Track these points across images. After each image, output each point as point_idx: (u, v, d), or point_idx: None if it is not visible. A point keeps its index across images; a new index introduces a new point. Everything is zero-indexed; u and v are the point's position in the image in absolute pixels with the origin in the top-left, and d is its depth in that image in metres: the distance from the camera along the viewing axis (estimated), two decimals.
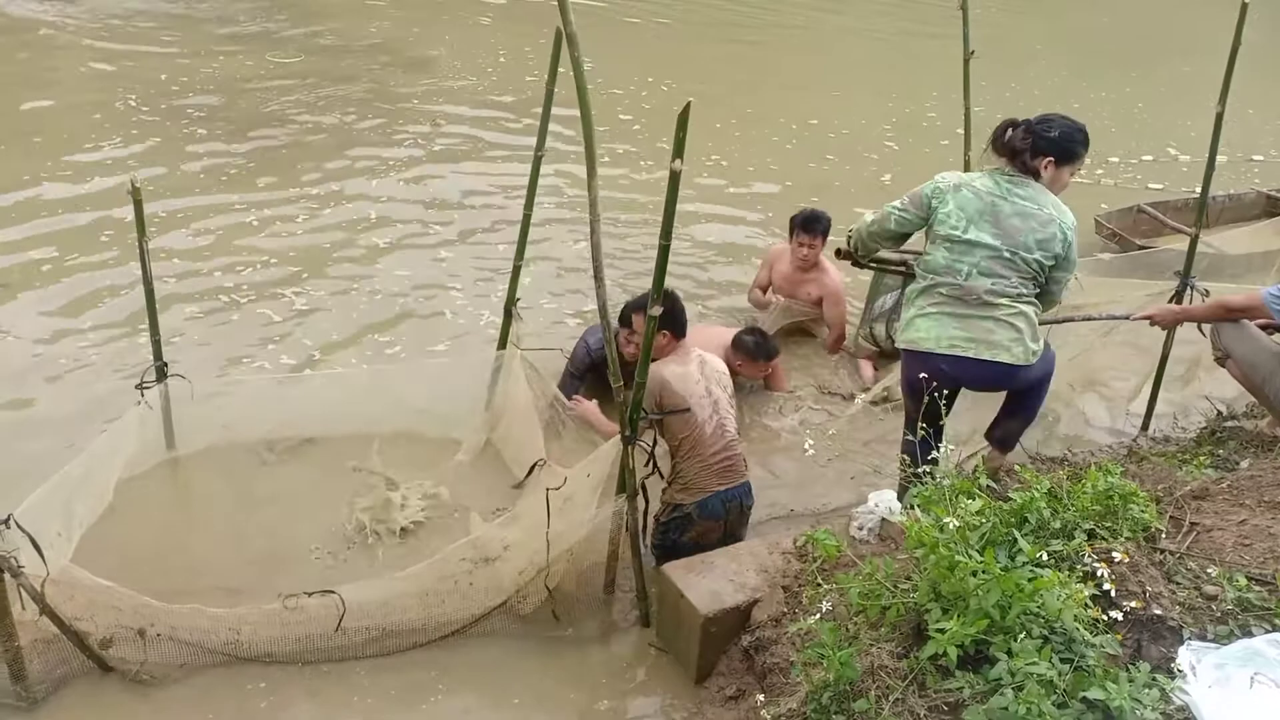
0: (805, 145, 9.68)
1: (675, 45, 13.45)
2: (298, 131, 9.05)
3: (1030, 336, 3.69)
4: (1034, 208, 3.63)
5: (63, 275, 6.27)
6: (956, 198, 3.72)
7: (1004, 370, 3.70)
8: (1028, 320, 3.69)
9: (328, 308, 6.12)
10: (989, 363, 3.68)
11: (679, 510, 3.93)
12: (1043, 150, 3.65)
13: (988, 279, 3.65)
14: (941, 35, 5.06)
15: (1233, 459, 4.08)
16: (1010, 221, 3.62)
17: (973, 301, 3.68)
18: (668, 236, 3.16)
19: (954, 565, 2.47)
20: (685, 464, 3.92)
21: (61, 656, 3.39)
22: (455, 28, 13.22)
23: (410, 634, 3.65)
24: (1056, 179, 3.70)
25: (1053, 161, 3.65)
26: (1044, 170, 3.66)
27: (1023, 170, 3.69)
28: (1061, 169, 3.68)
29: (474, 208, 7.73)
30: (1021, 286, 3.66)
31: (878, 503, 3.59)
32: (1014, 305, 3.66)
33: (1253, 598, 2.64)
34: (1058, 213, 3.65)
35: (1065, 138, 3.65)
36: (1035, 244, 3.62)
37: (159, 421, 4.37)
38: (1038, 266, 3.65)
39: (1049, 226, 3.62)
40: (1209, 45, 4.42)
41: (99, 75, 10.24)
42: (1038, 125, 3.67)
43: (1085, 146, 3.70)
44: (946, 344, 3.72)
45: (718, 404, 3.99)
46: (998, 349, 3.67)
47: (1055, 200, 3.68)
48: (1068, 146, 3.66)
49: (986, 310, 3.67)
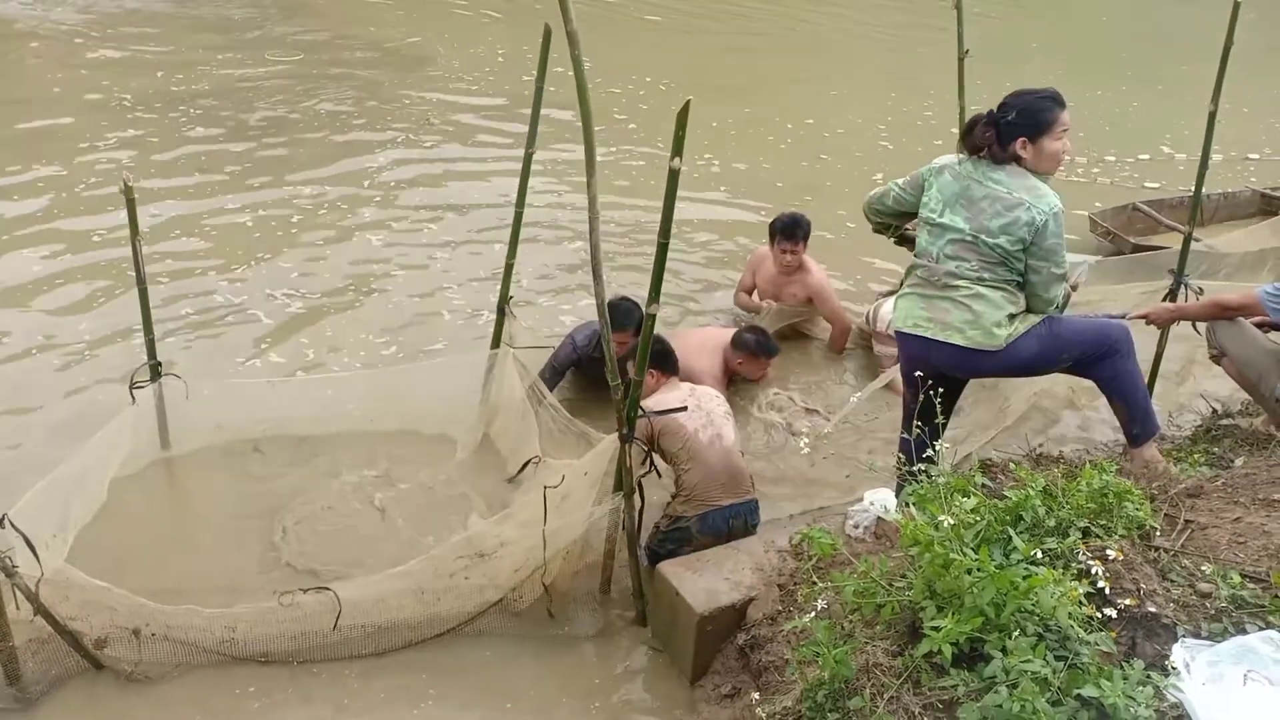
0: (800, 144, 9.69)
1: (674, 45, 13.46)
2: (292, 131, 9.05)
3: (992, 321, 3.60)
4: (1003, 191, 3.57)
5: (55, 276, 6.26)
6: (939, 181, 3.73)
7: (961, 352, 3.66)
8: (987, 303, 3.61)
9: (322, 307, 6.11)
10: (945, 344, 3.67)
11: (679, 523, 3.92)
12: (1011, 135, 3.58)
13: (952, 261, 3.66)
14: (943, 31, 5.06)
15: (1227, 457, 4.08)
16: (979, 204, 3.60)
17: (936, 283, 3.70)
18: (666, 235, 3.16)
19: (949, 563, 2.47)
20: (687, 475, 3.92)
21: (56, 657, 3.39)
22: (454, 27, 13.23)
23: (406, 631, 3.64)
24: (1041, 152, 3.59)
25: (1026, 140, 3.57)
26: (1023, 152, 3.59)
27: (998, 161, 3.63)
28: (1041, 141, 3.57)
29: (470, 206, 7.72)
30: (984, 270, 3.61)
31: (873, 501, 3.59)
32: (971, 287, 3.62)
33: (1246, 595, 2.64)
34: (1030, 197, 3.54)
35: (1026, 113, 3.56)
36: (998, 229, 3.56)
37: (153, 421, 4.37)
38: (1002, 252, 3.57)
39: (1014, 210, 3.54)
40: (1205, 45, 4.42)
41: (91, 75, 10.23)
42: (997, 114, 3.61)
43: (1057, 104, 3.58)
44: (911, 323, 3.77)
45: (710, 416, 4.01)
46: (950, 330, 3.66)
47: (1033, 185, 3.58)
48: (1034, 119, 3.56)
49: (946, 292, 3.68)
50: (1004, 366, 3.80)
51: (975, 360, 3.70)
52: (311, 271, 6.54)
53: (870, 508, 3.59)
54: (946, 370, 3.77)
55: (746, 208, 7.99)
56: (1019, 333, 3.66)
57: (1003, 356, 3.68)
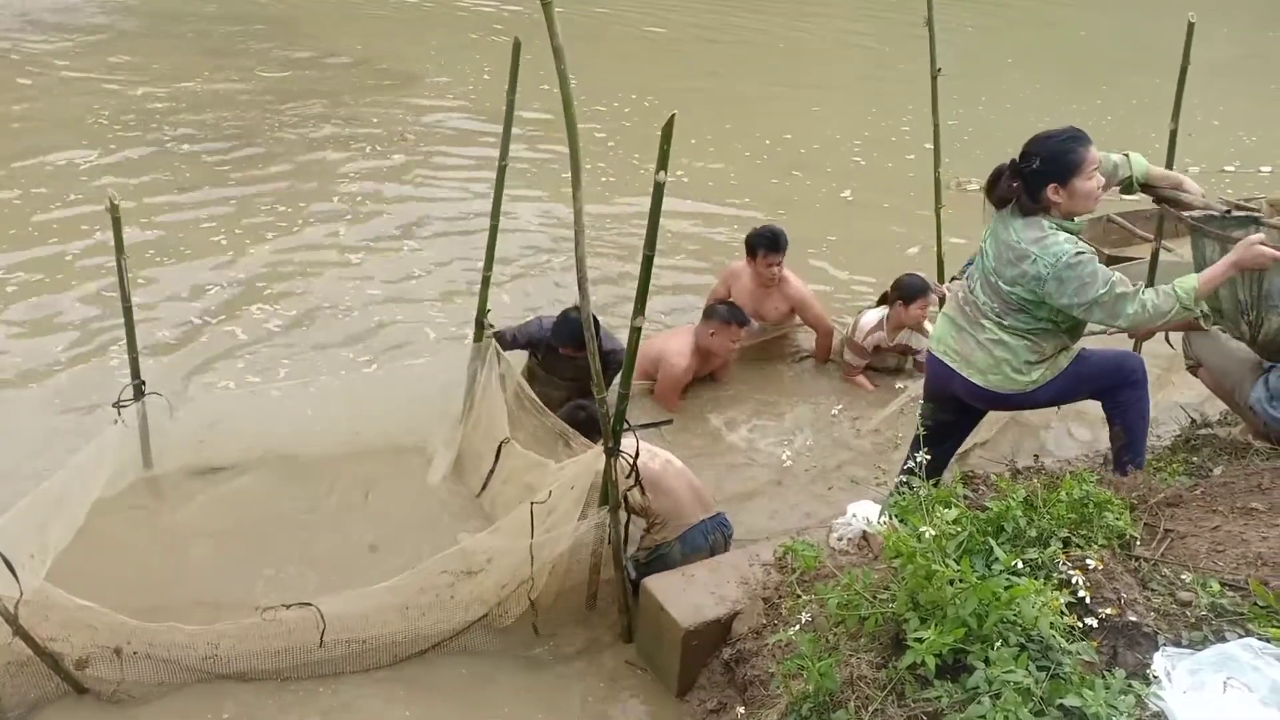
0: (774, 161, 9.70)
1: (658, 59, 13.52)
2: (271, 148, 9.05)
3: (1013, 369, 3.61)
4: (1014, 240, 3.50)
5: (32, 294, 6.24)
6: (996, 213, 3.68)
7: (981, 390, 3.68)
8: (1009, 350, 3.60)
9: (300, 325, 6.11)
10: (966, 379, 3.70)
11: (661, 549, 3.91)
12: (1040, 184, 3.47)
13: (982, 294, 3.66)
14: (921, 49, 5.13)
15: (1206, 466, 4.11)
16: (1001, 245, 3.58)
17: (968, 313, 3.71)
18: (652, 247, 3.18)
19: (931, 574, 2.48)
20: (655, 503, 3.91)
21: (36, 680, 3.35)
22: (441, 44, 13.24)
23: (391, 647, 3.63)
24: (1074, 194, 3.46)
25: (1057, 185, 3.46)
26: (1056, 197, 3.46)
27: (1029, 212, 3.51)
28: (1072, 183, 3.44)
29: (449, 221, 7.74)
30: (1005, 315, 3.58)
31: (855, 513, 3.60)
32: (996, 332, 3.62)
33: (1226, 603, 2.66)
34: (1037, 249, 3.44)
35: (1051, 158, 3.46)
36: (1011, 278, 3.54)
37: (136, 439, 4.34)
38: (1018, 300, 3.53)
39: (1021, 264, 3.47)
40: (1178, 61, 4.49)
41: (72, 93, 10.20)
42: (1021, 164, 3.51)
43: (1081, 143, 3.46)
44: (941, 349, 3.80)
45: (653, 450, 4.03)
46: (973, 370, 3.70)
47: (1042, 236, 3.46)
48: (1061, 164, 3.45)
49: (973, 329, 3.68)
50: (1025, 404, 3.84)
51: (996, 399, 3.74)
52: (289, 290, 6.53)
53: (853, 520, 3.60)
54: (966, 399, 3.80)
55: (712, 225, 7.94)
56: (1046, 378, 3.65)
57: (1026, 399, 3.73)
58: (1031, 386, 3.65)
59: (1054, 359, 3.66)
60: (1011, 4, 19.45)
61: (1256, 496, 3.29)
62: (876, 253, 7.39)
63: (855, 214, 8.41)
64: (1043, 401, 3.82)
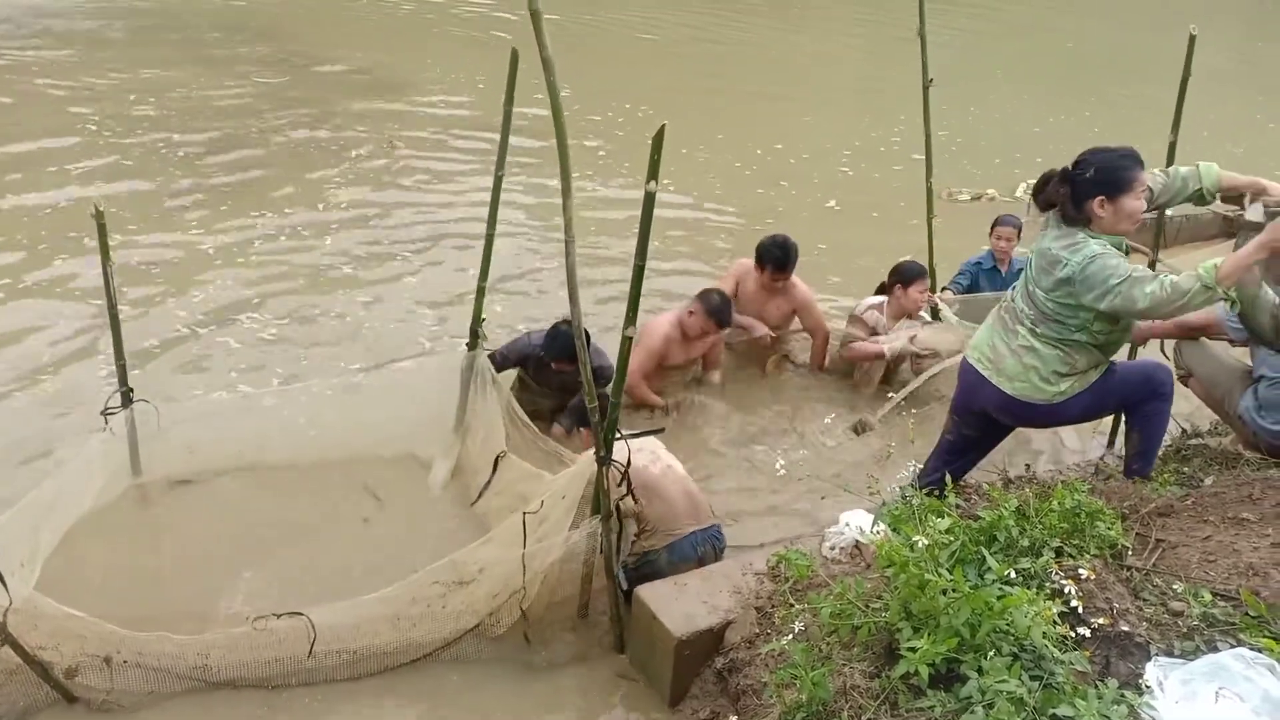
0: (763, 170, 9.73)
1: (651, 68, 13.55)
2: (259, 156, 9.06)
3: (1040, 377, 3.62)
4: (1049, 248, 3.53)
5: (17, 300, 6.22)
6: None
7: (1008, 399, 3.69)
8: (1039, 358, 3.62)
9: (291, 333, 6.09)
10: (995, 387, 3.71)
11: (648, 556, 3.91)
12: (1088, 194, 3.48)
13: (1021, 300, 3.71)
14: (912, 58, 5.17)
15: (1197, 476, 4.13)
16: (1039, 258, 3.61)
17: (1008, 320, 3.74)
18: (643, 257, 3.18)
19: (924, 584, 2.48)
20: (647, 509, 3.91)
21: (25, 689, 3.33)
22: (436, 53, 13.24)
23: (381, 657, 3.61)
24: (1120, 211, 3.46)
25: (1105, 198, 3.46)
26: (1101, 210, 3.47)
27: (1070, 221, 3.53)
28: (1120, 199, 3.44)
29: (442, 230, 7.73)
30: (1039, 324, 3.60)
31: (849, 522, 3.61)
32: (1028, 339, 3.64)
33: (1218, 613, 2.67)
34: (1068, 253, 3.46)
35: (1106, 170, 3.46)
36: (1044, 286, 3.56)
37: (124, 447, 4.32)
38: (1052, 308, 3.55)
39: (1054, 269, 3.49)
40: (1164, 71, 4.51)
41: (61, 99, 10.17)
42: (1073, 171, 3.53)
43: (1137, 163, 3.48)
44: (976, 355, 3.82)
45: (656, 453, 4.03)
46: (1002, 377, 3.71)
47: (1073, 241, 3.47)
48: (1114, 177, 3.45)
49: (1008, 336, 3.71)
50: (1052, 419, 3.84)
51: (1021, 409, 3.73)
52: (280, 298, 6.51)
53: (846, 529, 3.60)
54: (994, 413, 3.81)
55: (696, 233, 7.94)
56: (1074, 391, 3.66)
57: (1053, 412, 3.72)
58: (1059, 398, 3.65)
59: (1084, 374, 3.66)
60: (1000, 13, 19.58)
61: (1247, 507, 3.31)
62: (866, 260, 7.41)
63: (843, 223, 8.45)
64: (1070, 416, 3.80)
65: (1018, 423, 3.95)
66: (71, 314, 6.09)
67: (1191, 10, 19.44)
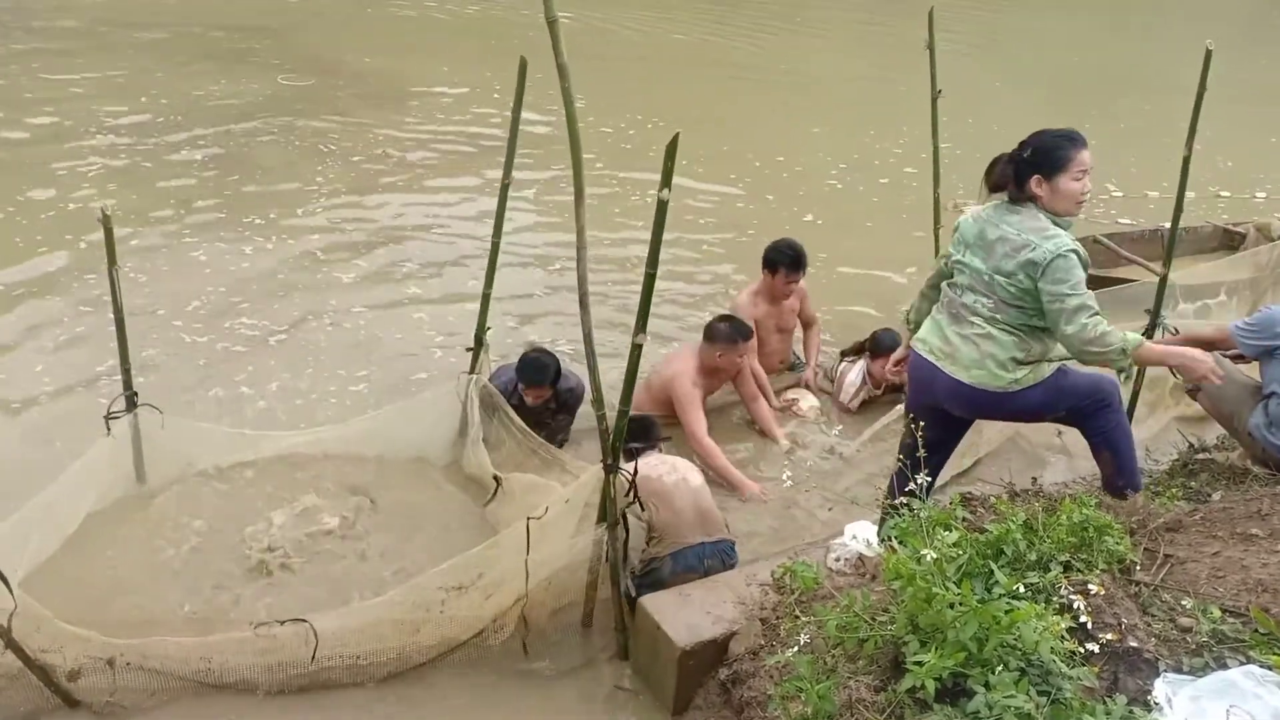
0: (756, 183, 9.66)
1: (668, 84, 13.54)
2: (262, 163, 9.07)
3: (998, 362, 3.62)
4: (1013, 233, 3.58)
5: (18, 305, 6.24)
6: (963, 225, 3.79)
7: (963, 388, 3.67)
8: (996, 344, 3.62)
9: (294, 339, 6.09)
10: (949, 377, 3.69)
11: (653, 564, 3.91)
12: (1026, 173, 3.59)
13: (970, 294, 3.69)
14: (923, 69, 5.19)
15: (1205, 491, 4.11)
16: (993, 246, 3.63)
17: (955, 313, 3.73)
18: (654, 265, 3.17)
19: (931, 597, 2.47)
20: (656, 515, 3.93)
21: (27, 693, 3.32)
22: (451, 61, 13.25)
23: (383, 664, 3.60)
24: (1056, 191, 3.56)
25: (1041, 178, 3.56)
26: (1039, 190, 3.57)
27: (1016, 201, 3.64)
28: (1056, 178, 3.54)
29: (449, 238, 7.74)
30: (998, 311, 3.62)
31: (855, 534, 3.59)
32: (984, 326, 3.64)
33: (1227, 630, 2.65)
34: (1038, 238, 3.53)
35: (1043, 150, 3.57)
36: (1009, 269, 3.58)
37: (128, 452, 4.32)
38: (1016, 291, 3.58)
39: (1020, 252, 3.54)
40: (1170, 83, 4.53)
41: (63, 100, 10.19)
42: (1016, 152, 3.65)
43: (1075, 143, 3.57)
44: (925, 348, 3.80)
45: (675, 465, 4.06)
46: (957, 366, 3.68)
47: (1043, 226, 3.55)
48: (1049, 156, 3.56)
49: (960, 326, 3.70)
50: (1006, 411, 3.81)
51: (977, 399, 3.71)
52: (282, 305, 6.51)
53: (851, 541, 3.59)
54: (947, 404, 3.78)
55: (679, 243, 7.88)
56: (1028, 382, 3.65)
57: (1006, 401, 3.68)
58: (1014, 386, 3.63)
59: (1038, 365, 3.67)
60: (1002, 25, 19.60)
61: (1256, 522, 3.29)
62: (869, 269, 7.41)
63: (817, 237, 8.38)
64: (1023, 409, 3.77)
65: (970, 413, 3.93)
66: (72, 319, 6.09)
67: (1189, 23, 19.45)
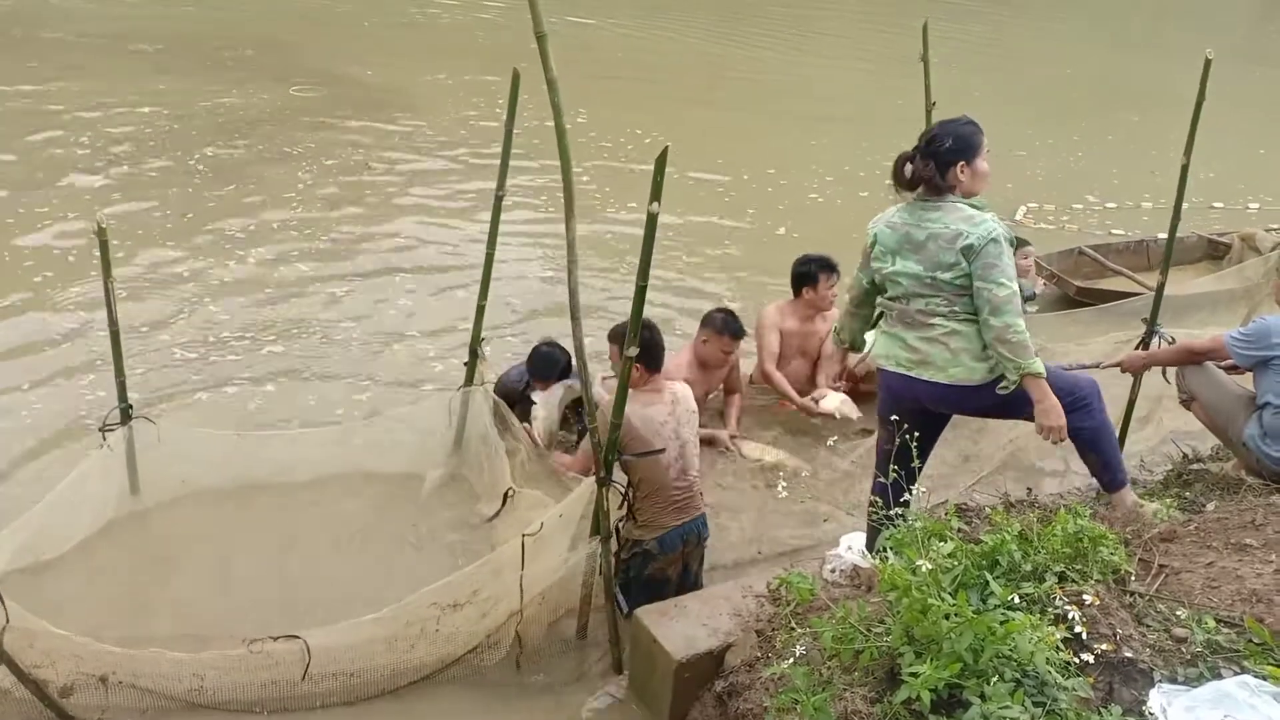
0: (739, 197, 9.65)
1: (655, 94, 13.57)
2: (251, 174, 9.07)
3: (971, 356, 3.63)
4: (941, 228, 3.62)
5: (9, 317, 6.23)
6: (880, 236, 3.79)
7: (943, 388, 3.67)
8: (963, 339, 3.63)
9: (289, 351, 6.09)
10: (928, 381, 3.69)
11: (639, 547, 3.92)
12: (949, 162, 3.66)
13: (919, 299, 3.70)
14: (917, 81, 5.21)
15: (1199, 501, 4.12)
16: (926, 247, 3.65)
17: (911, 322, 3.73)
18: (645, 278, 3.18)
19: (927, 608, 2.47)
20: (644, 502, 3.92)
21: (20, 708, 3.30)
22: (445, 74, 13.26)
23: (377, 681, 3.58)
24: (975, 173, 3.68)
25: (965, 164, 3.66)
26: (962, 175, 3.65)
27: (936, 193, 3.68)
28: (975, 162, 3.68)
29: (444, 250, 7.75)
30: (954, 305, 3.64)
31: (850, 545, 3.59)
32: (946, 324, 3.64)
33: (1221, 640, 2.65)
34: (968, 227, 3.58)
35: (961, 138, 3.68)
36: (949, 262, 3.61)
37: (123, 464, 4.31)
38: (961, 284, 3.61)
39: (955, 243, 3.58)
40: (1159, 96, 4.56)
41: (55, 113, 10.19)
42: (931, 147, 3.69)
43: (979, 128, 3.72)
44: (893, 363, 3.79)
45: (684, 446, 4.00)
46: (932, 369, 3.68)
47: (969, 215, 3.62)
48: (969, 142, 3.68)
49: (921, 330, 3.70)
50: (986, 405, 3.80)
51: (958, 396, 3.71)
52: (278, 317, 6.51)
53: (847, 552, 3.58)
54: (930, 405, 3.78)
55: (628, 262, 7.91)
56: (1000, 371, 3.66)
57: (984, 394, 3.68)
58: (991, 375, 3.63)
59: None
60: (998, 39, 19.69)
61: (1250, 532, 3.29)
62: None
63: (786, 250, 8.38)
64: (1002, 404, 3.73)
65: (955, 410, 3.94)
66: (67, 332, 6.08)
67: (1185, 33, 19.52)
